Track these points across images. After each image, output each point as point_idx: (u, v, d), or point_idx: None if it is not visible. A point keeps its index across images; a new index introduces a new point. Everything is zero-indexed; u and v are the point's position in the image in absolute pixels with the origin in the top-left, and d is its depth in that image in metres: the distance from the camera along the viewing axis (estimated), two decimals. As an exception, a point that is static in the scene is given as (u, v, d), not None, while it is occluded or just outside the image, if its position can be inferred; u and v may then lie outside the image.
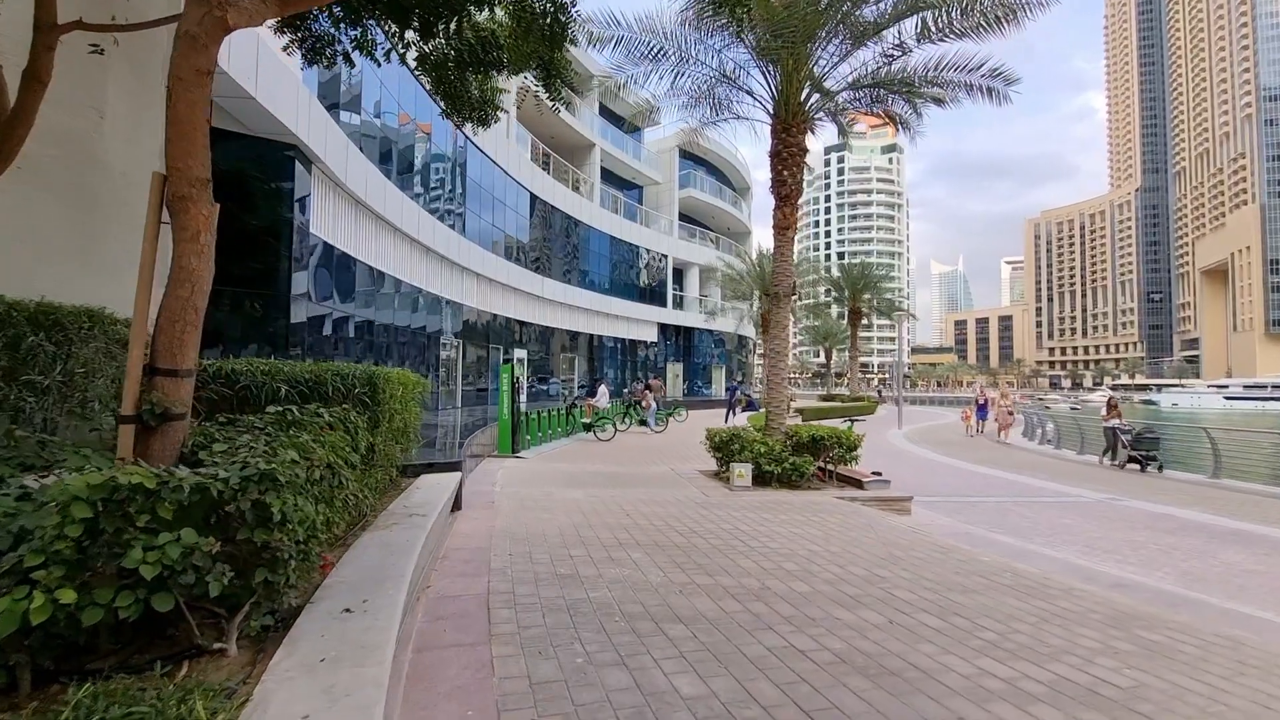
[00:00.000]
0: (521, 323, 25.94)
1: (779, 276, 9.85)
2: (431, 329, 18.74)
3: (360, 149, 12.86)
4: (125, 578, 1.96)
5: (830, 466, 9.53)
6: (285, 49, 4.71)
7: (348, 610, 2.71)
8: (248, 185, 9.98)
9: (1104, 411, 14.71)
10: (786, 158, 9.67)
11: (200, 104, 2.63)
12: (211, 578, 2.04)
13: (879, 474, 9.35)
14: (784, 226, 9.80)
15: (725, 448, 9.39)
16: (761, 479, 8.80)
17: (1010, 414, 20.93)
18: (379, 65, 4.86)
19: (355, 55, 4.73)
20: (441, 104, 5.10)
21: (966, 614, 3.96)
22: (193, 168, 2.59)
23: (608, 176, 34.36)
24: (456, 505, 6.87)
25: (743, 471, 8.67)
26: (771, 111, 9.95)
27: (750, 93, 10.44)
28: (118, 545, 1.91)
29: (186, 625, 2.23)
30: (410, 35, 4.56)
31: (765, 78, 9.89)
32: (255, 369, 3.49)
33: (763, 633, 3.57)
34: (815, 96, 9.97)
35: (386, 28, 4.39)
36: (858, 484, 8.99)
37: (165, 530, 1.96)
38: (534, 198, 26.23)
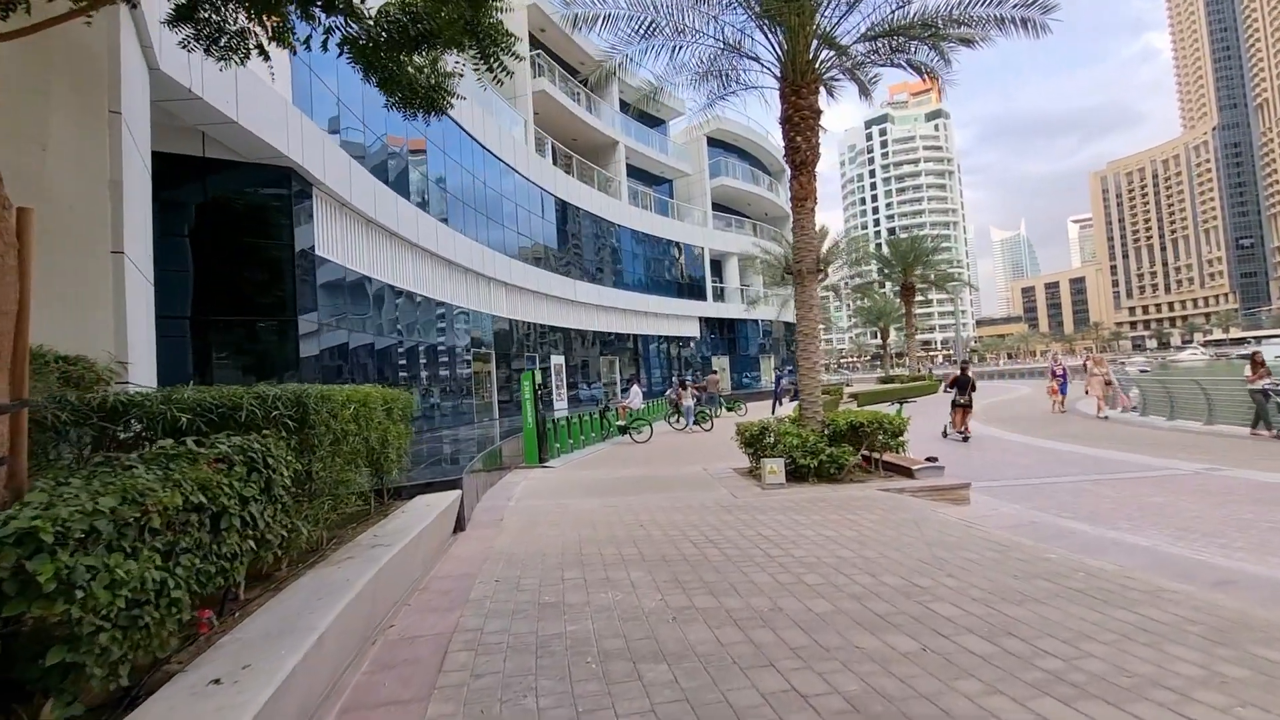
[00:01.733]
0: (556, 328, 25.67)
1: (801, 252, 9.05)
2: (461, 342, 18.61)
3: (365, 166, 12.70)
4: None
5: (876, 455, 8.66)
6: (182, 44, 4.36)
7: (216, 681, 2.24)
8: (247, 212, 9.90)
9: (1248, 371, 12.55)
10: (798, 122, 8.87)
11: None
12: (-44, 673, 1.58)
13: (933, 459, 8.46)
14: (802, 197, 9.00)
15: (757, 442, 8.67)
16: (798, 474, 8.05)
17: (1108, 383, 18.60)
18: (294, 54, 4.48)
19: (274, 49, 4.37)
20: (382, 94, 4.67)
21: (1023, 633, 3.19)
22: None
23: (635, 173, 33.74)
24: (460, 526, 6.47)
25: (774, 468, 7.94)
26: (779, 75, 9.18)
27: (756, 59, 9.69)
28: None
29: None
30: (330, 20, 4.15)
31: (769, 38, 9.13)
32: (151, 398, 3.10)
33: (760, 671, 2.93)
34: (826, 53, 9.13)
35: (293, 10, 3.99)
36: (907, 473, 8.13)
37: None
38: (559, 201, 25.90)
